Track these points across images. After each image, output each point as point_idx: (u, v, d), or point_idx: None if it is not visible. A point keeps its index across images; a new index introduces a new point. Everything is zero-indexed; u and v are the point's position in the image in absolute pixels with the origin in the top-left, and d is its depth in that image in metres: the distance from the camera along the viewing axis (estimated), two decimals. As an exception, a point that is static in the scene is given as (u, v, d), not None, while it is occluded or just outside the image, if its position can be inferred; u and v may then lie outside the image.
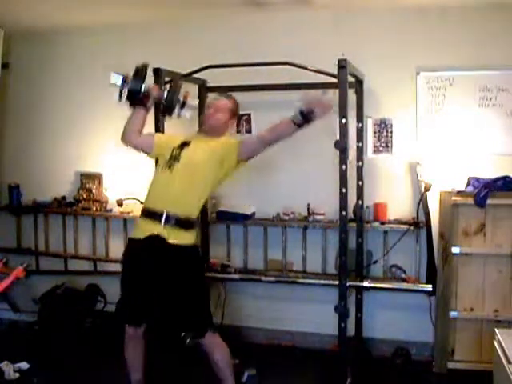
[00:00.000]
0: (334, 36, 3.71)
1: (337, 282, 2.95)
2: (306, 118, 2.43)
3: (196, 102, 2.87)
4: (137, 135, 2.82)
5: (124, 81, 2.73)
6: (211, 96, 3.73)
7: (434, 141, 3.64)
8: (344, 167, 2.86)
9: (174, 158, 2.70)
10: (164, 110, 2.85)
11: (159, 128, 3.26)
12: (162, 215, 2.60)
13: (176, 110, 2.80)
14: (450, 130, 3.60)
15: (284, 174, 3.86)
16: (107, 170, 4.29)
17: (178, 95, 2.80)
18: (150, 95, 2.76)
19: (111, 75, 2.73)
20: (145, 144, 2.86)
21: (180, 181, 2.65)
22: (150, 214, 2.66)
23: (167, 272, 2.63)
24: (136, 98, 2.75)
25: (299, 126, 2.46)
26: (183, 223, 2.64)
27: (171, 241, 2.60)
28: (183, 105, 2.80)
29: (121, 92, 2.75)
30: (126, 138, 2.83)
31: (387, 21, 3.65)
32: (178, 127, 3.23)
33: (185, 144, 2.76)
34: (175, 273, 2.64)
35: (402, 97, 3.67)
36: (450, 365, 3.40)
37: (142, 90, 2.74)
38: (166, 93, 2.81)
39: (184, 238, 2.65)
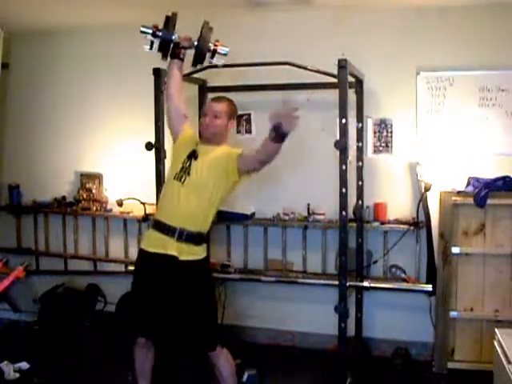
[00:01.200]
0: (334, 36, 3.71)
1: (337, 282, 2.95)
2: (277, 132, 2.38)
3: (227, 49, 2.84)
4: (176, 89, 2.84)
5: (154, 33, 2.73)
6: (211, 96, 3.77)
7: (433, 141, 3.64)
8: (344, 167, 2.86)
9: (185, 171, 2.67)
10: (195, 59, 2.82)
11: (159, 126, 3.25)
12: (174, 231, 2.61)
13: (207, 59, 2.81)
14: (450, 129, 3.60)
15: (284, 174, 3.85)
16: (107, 169, 4.29)
17: (209, 43, 2.80)
18: (181, 45, 2.78)
19: (140, 28, 2.73)
20: (175, 114, 2.85)
21: (191, 197, 2.63)
22: (162, 227, 2.65)
23: (179, 289, 2.65)
24: (168, 49, 2.76)
25: (276, 141, 2.40)
26: (195, 238, 2.65)
27: (182, 258, 2.61)
28: (214, 53, 2.81)
29: (152, 43, 2.76)
30: (167, 91, 2.87)
31: (387, 21, 3.65)
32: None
33: (193, 154, 2.72)
34: (186, 288, 2.66)
35: (402, 97, 3.67)
36: (450, 365, 3.40)
37: (173, 39, 2.75)
38: (196, 42, 2.79)
39: (195, 252, 2.67)
